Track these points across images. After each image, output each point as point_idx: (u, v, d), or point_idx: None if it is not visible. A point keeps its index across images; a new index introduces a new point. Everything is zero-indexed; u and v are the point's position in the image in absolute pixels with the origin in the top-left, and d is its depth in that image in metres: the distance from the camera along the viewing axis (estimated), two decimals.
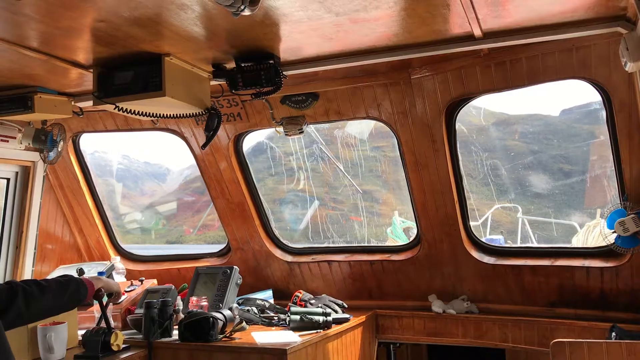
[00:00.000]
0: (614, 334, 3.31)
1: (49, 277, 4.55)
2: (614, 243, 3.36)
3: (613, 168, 3.44)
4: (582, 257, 3.79)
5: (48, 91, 3.58)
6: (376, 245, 5.53)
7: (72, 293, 2.68)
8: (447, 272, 4.23)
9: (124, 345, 3.37)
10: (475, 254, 4.08)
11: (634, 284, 3.55)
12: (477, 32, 2.77)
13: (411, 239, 4.50)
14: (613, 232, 3.35)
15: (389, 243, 7.04)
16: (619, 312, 3.63)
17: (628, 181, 3.35)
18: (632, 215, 3.24)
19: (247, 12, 2.17)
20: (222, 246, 5.05)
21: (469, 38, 2.86)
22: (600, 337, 3.44)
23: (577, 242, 6.09)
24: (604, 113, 3.35)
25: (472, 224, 4.13)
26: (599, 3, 2.49)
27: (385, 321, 4.37)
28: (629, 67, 2.57)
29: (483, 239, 4.23)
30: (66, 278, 2.72)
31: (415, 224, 4.30)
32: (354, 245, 4.86)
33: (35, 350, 3.27)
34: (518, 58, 3.34)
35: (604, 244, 3.53)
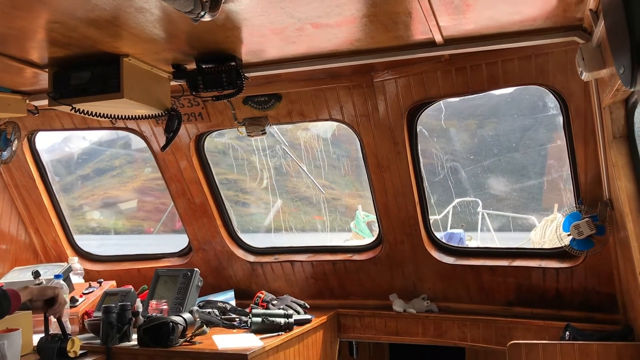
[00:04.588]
0: (567, 333, 3.40)
1: (3, 279, 4.43)
2: (569, 245, 3.44)
3: (569, 172, 3.53)
4: (539, 257, 3.89)
5: (1, 89, 3.46)
6: (338, 245, 5.54)
7: None
8: (407, 271, 4.27)
9: (81, 352, 3.28)
10: (435, 254, 4.14)
11: (587, 284, 3.65)
12: (439, 39, 2.80)
13: (374, 233, 4.53)
14: (568, 235, 3.42)
15: (353, 237, 7.11)
16: (574, 311, 3.74)
17: (583, 185, 3.43)
18: (587, 219, 3.32)
19: (207, 18, 2.14)
20: (183, 245, 4.98)
21: (430, 44, 2.88)
22: (555, 335, 3.53)
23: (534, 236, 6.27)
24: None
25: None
26: (556, 13, 2.54)
27: (347, 320, 4.40)
28: (585, 76, 2.64)
29: (442, 234, 4.29)
30: None
31: (377, 224, 4.33)
32: (317, 245, 4.85)
33: None
34: (478, 64, 3.38)
35: (559, 245, 3.61)
